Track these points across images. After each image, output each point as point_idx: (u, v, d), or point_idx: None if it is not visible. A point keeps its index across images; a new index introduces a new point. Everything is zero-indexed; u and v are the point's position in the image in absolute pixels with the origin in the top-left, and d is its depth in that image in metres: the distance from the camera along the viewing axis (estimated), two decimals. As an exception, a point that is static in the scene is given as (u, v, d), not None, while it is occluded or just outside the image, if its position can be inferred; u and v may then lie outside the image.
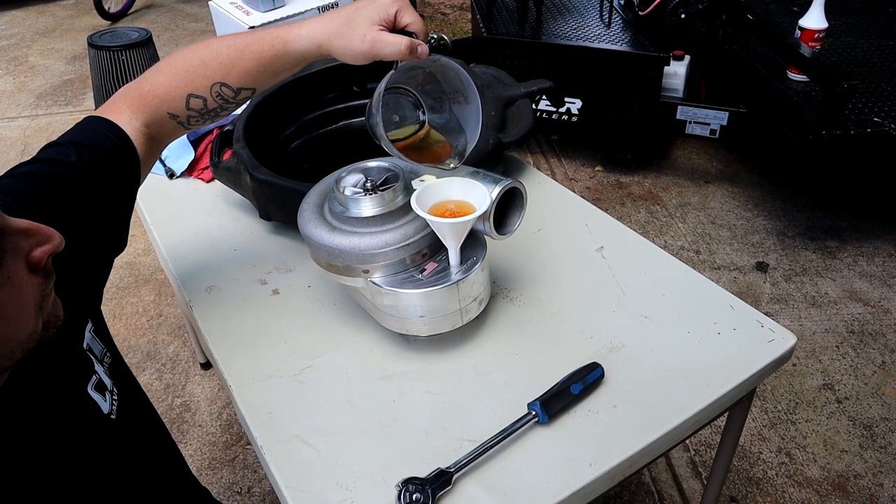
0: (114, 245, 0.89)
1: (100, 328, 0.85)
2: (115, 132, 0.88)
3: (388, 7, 0.85)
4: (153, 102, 0.90)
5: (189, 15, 5.05)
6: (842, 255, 2.53)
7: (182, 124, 0.94)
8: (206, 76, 0.89)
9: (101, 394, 0.79)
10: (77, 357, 0.78)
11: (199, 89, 0.90)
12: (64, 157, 0.82)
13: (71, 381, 0.75)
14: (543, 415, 0.88)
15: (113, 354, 0.86)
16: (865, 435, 1.91)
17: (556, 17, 2.91)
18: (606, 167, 3.05)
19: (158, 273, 2.60)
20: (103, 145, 0.86)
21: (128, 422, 0.83)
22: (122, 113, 0.90)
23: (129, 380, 0.90)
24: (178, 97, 0.90)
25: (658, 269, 1.14)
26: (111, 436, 0.80)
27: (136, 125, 0.90)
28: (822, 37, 2.38)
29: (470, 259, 0.95)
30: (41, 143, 0.88)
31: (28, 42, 4.73)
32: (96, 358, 0.81)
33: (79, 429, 0.75)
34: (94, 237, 0.84)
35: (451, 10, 4.85)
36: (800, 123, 2.23)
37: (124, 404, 0.83)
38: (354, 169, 0.97)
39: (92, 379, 0.78)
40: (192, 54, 0.91)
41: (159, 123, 0.92)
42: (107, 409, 0.79)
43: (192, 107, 0.91)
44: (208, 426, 2.03)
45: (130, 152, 0.89)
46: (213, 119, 0.95)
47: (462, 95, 0.95)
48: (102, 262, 0.88)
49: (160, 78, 0.91)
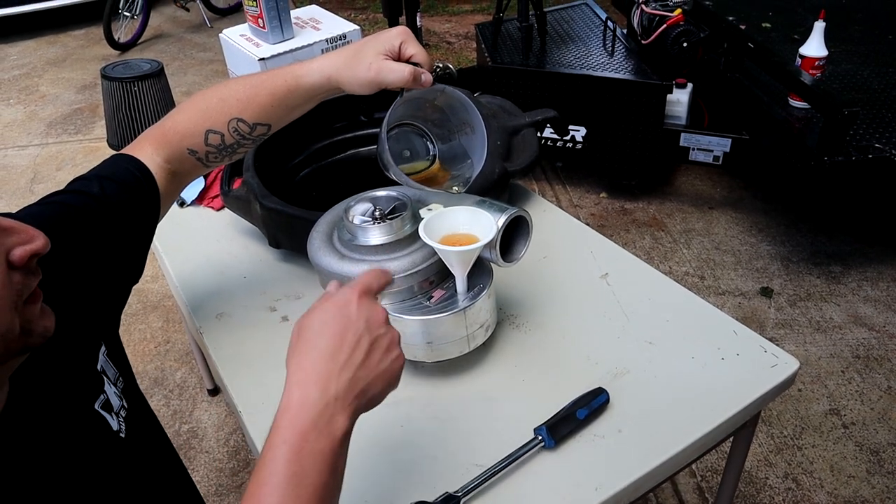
0: (131, 274, 0.93)
1: (115, 352, 0.87)
2: (137, 166, 0.93)
3: (393, 39, 0.90)
4: (174, 139, 0.95)
5: (198, 45, 5.12)
6: (846, 280, 2.54)
7: (201, 160, 0.98)
8: (223, 112, 0.94)
9: (108, 413, 0.80)
10: (88, 376, 0.80)
11: (217, 125, 0.94)
12: (88, 189, 0.86)
13: (78, 397, 0.77)
14: (550, 440, 0.89)
15: (126, 379, 0.88)
16: (872, 460, 1.90)
17: (559, 46, 2.95)
18: (611, 194, 3.07)
19: (166, 300, 2.62)
20: (125, 179, 0.90)
21: (137, 441, 0.85)
22: (145, 149, 0.95)
23: (141, 402, 0.92)
24: (197, 133, 0.95)
25: (662, 295, 1.16)
26: (121, 453, 0.81)
27: (158, 160, 0.95)
28: (822, 64, 2.40)
29: (477, 286, 0.97)
30: (51, 171, 0.92)
31: (39, 71, 4.80)
32: (109, 380, 0.83)
33: (88, 442, 0.77)
34: (112, 264, 0.87)
35: (457, 39, 4.92)
36: (802, 150, 2.26)
37: (134, 424, 0.84)
38: (363, 198, 0.99)
39: (100, 398, 0.80)
40: (212, 93, 0.96)
41: (179, 160, 0.97)
42: (115, 427, 0.80)
43: (211, 142, 0.95)
44: (215, 452, 2.04)
45: (151, 186, 0.93)
46: (231, 157, 1.00)
47: (469, 126, 0.97)
48: (119, 290, 0.91)
49: (181, 116, 0.96)
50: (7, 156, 3.67)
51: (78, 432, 0.76)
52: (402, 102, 0.92)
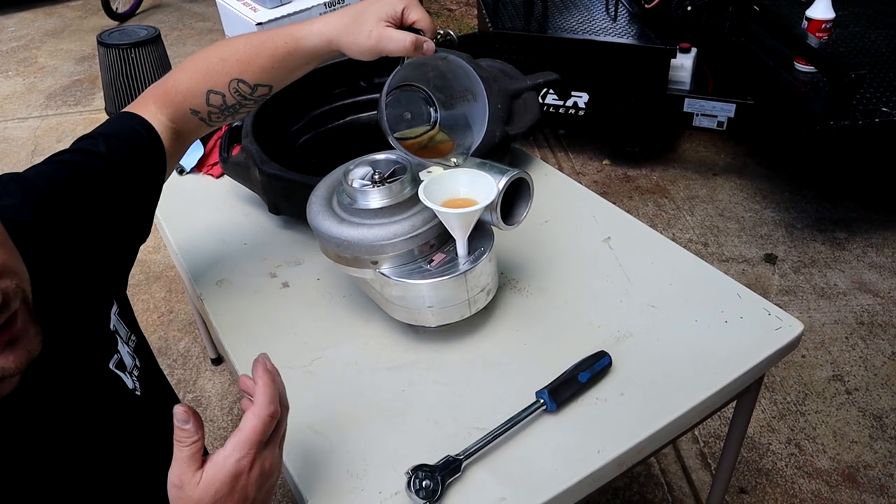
0: (139, 232, 0.93)
1: (125, 311, 0.89)
2: (142, 125, 0.92)
3: (396, 4, 0.87)
4: (176, 98, 0.94)
5: (196, 14, 5.07)
6: (851, 246, 2.53)
7: (204, 120, 0.97)
8: (224, 73, 0.93)
9: (123, 372, 0.81)
10: (102, 336, 0.81)
11: (218, 85, 0.93)
12: (94, 148, 0.86)
13: (92, 358, 0.78)
14: (552, 403, 0.88)
15: (138, 337, 0.90)
16: (875, 426, 1.90)
17: (561, 10, 2.91)
18: (614, 161, 3.05)
19: (168, 270, 2.62)
20: (131, 137, 0.90)
21: (152, 398, 0.86)
22: (149, 107, 0.94)
23: (152, 361, 0.94)
24: (198, 93, 0.94)
25: (665, 259, 1.15)
26: (138, 410, 0.83)
27: (162, 119, 0.94)
28: (829, 27, 2.37)
29: (478, 250, 0.96)
30: (51, 142, 0.92)
31: (37, 43, 4.76)
32: (122, 339, 0.84)
33: (106, 402, 0.78)
34: (120, 223, 0.88)
35: (457, 6, 4.86)
36: (807, 114, 2.23)
37: (147, 382, 0.86)
38: (362, 161, 0.98)
39: (114, 357, 0.81)
40: (212, 53, 0.94)
41: (183, 119, 0.96)
42: (131, 386, 0.81)
43: (212, 103, 0.94)
44: (219, 421, 2.05)
45: (157, 144, 0.93)
46: (234, 116, 0.99)
47: (471, 93, 0.96)
48: (128, 249, 0.92)
49: (182, 75, 0.95)
50: (7, 128, 3.65)
51: (95, 392, 0.77)
52: (402, 69, 0.90)
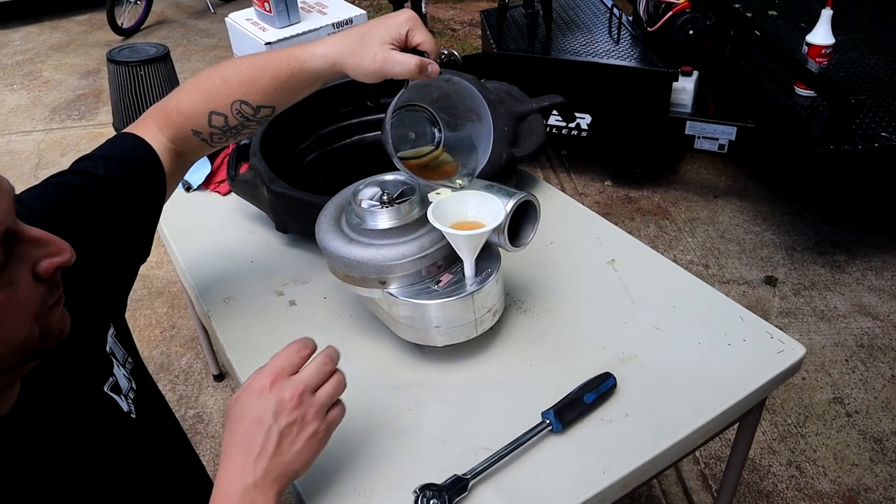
0: (138, 254, 0.92)
1: (122, 334, 0.88)
2: (142, 146, 0.91)
3: (400, 26, 0.87)
4: (178, 119, 0.94)
5: (201, 30, 5.11)
6: (850, 269, 2.54)
7: (206, 141, 0.96)
8: (227, 94, 0.92)
9: (118, 395, 0.81)
10: (98, 359, 0.80)
11: (221, 107, 0.93)
12: (93, 170, 0.86)
13: (87, 380, 0.78)
14: (557, 423, 0.89)
15: (135, 359, 0.89)
16: (876, 449, 1.91)
17: (565, 33, 2.94)
18: (616, 182, 3.07)
19: (171, 286, 2.62)
20: (130, 159, 0.90)
21: (148, 421, 0.86)
22: (150, 129, 0.94)
23: (149, 383, 0.93)
24: (200, 114, 0.93)
25: (668, 282, 1.16)
26: (132, 434, 0.82)
27: (163, 140, 0.94)
28: (829, 52, 2.39)
29: (485, 271, 0.97)
30: (55, 156, 0.92)
31: (42, 57, 4.79)
32: (118, 362, 0.83)
33: (99, 426, 0.77)
34: (118, 246, 0.87)
35: (461, 26, 4.90)
36: (807, 138, 2.25)
37: (143, 405, 0.85)
38: (371, 182, 0.99)
39: (109, 380, 0.80)
40: (215, 73, 0.94)
41: (184, 140, 0.95)
42: (126, 409, 0.81)
43: (214, 124, 0.94)
44: (220, 437, 2.04)
45: (156, 165, 0.92)
46: (235, 137, 0.98)
47: (475, 114, 0.97)
48: (126, 270, 0.91)
49: (185, 96, 0.94)
50: (11, 141, 3.66)
51: (88, 416, 0.76)
52: (406, 91, 0.91)
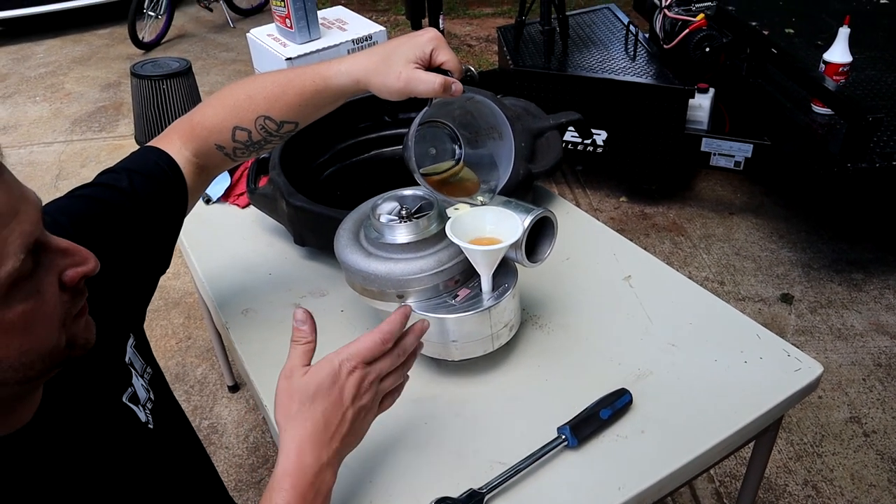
0: (158, 266, 0.94)
1: (141, 344, 0.89)
2: (166, 160, 0.93)
3: (425, 46, 0.88)
4: (202, 133, 0.95)
5: (221, 45, 5.17)
6: (868, 287, 2.52)
7: (229, 156, 0.98)
8: (251, 109, 0.94)
9: (136, 405, 0.82)
10: (117, 369, 0.81)
11: (245, 122, 0.94)
12: (117, 183, 0.87)
13: (107, 390, 0.79)
14: (573, 439, 0.89)
15: (153, 369, 0.90)
16: (894, 469, 1.89)
17: (581, 49, 2.95)
18: (631, 198, 3.07)
19: (187, 297, 2.64)
20: (153, 172, 0.91)
21: (165, 431, 0.87)
22: (173, 143, 0.95)
23: (167, 393, 0.94)
24: (224, 129, 0.94)
25: (685, 299, 1.16)
26: (150, 444, 0.83)
27: (186, 154, 0.95)
28: (846, 70, 2.39)
29: (502, 286, 0.97)
30: (75, 167, 0.93)
31: (64, 70, 4.87)
32: (137, 372, 0.84)
33: (117, 436, 0.78)
34: (140, 257, 0.88)
35: (477, 42, 4.93)
36: (825, 156, 2.25)
37: (161, 416, 0.86)
38: (390, 197, 1.00)
39: (127, 391, 0.81)
40: (240, 89, 0.95)
41: (207, 154, 0.97)
42: (144, 419, 0.82)
43: (238, 139, 0.95)
44: (235, 448, 2.06)
45: (179, 179, 0.94)
46: (258, 152, 1.00)
47: (496, 132, 0.98)
48: (146, 281, 0.92)
49: (209, 111, 0.96)
50: (33, 152, 3.72)
51: (107, 426, 0.77)
52: (429, 108, 0.92)
